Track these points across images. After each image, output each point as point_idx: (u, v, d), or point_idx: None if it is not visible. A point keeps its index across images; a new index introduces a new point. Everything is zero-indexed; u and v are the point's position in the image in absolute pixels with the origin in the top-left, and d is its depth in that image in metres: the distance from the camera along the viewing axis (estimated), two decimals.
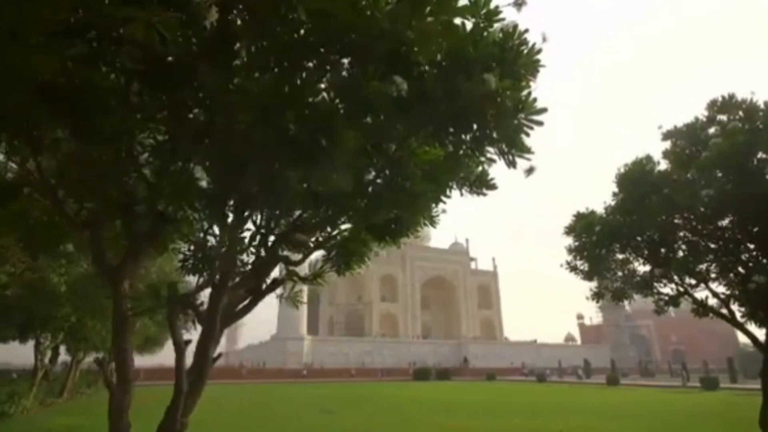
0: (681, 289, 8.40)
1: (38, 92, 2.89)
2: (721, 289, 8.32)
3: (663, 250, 9.12)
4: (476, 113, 3.03)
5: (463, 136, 3.81)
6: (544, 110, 3.43)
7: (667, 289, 8.89)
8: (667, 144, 8.43)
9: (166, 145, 3.87)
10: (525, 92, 3.38)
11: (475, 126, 3.59)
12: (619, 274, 9.39)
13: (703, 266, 8.78)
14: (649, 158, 8.26)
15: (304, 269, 6.14)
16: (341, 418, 13.89)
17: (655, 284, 8.53)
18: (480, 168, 4.69)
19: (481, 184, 4.74)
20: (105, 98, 3.28)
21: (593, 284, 9.41)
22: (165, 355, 40.98)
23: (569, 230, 9.29)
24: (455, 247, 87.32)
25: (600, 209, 9.50)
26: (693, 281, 8.32)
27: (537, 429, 11.59)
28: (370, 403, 19.88)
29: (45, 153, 3.62)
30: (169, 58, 3.33)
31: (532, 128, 3.59)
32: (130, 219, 3.34)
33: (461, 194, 5.03)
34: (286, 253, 5.40)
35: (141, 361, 40.61)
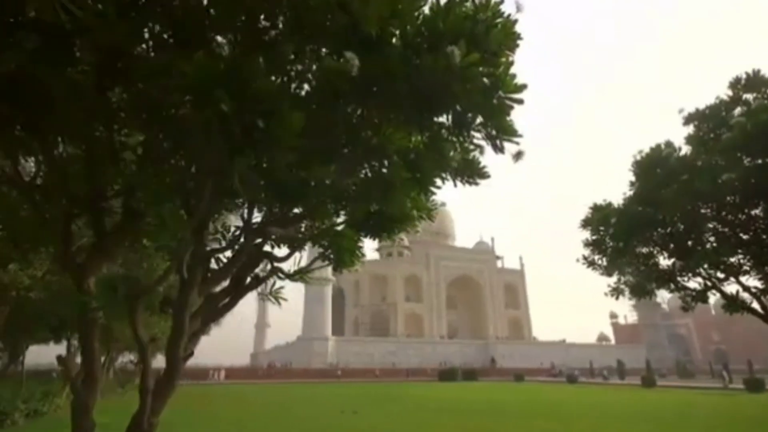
0: (708, 284, 7.80)
1: None
2: (753, 282, 7.68)
3: (690, 242, 8.52)
4: (442, 91, 2.79)
5: (440, 120, 3.58)
6: (523, 87, 3.16)
7: (694, 284, 8.29)
8: (690, 129, 7.87)
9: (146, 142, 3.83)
10: (501, 68, 3.13)
11: (457, 108, 3.37)
12: (642, 269, 8.85)
13: (734, 259, 8.14)
14: (669, 143, 7.72)
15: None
16: (361, 419, 13.77)
17: (679, 279, 7.96)
18: (471, 156, 4.46)
19: (472, 173, 4.48)
20: (71, 93, 3.23)
21: (613, 280, 8.90)
22: (202, 355, 42.06)
23: (585, 223, 8.83)
24: (480, 246, 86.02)
25: (617, 200, 9.01)
26: (721, 275, 7.72)
27: None
28: (394, 403, 19.69)
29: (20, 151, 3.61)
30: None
31: (512, 107, 3.32)
32: (98, 215, 3.28)
33: (455, 185, 4.78)
34: (276, 249, 5.30)
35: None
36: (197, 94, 2.08)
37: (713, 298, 8.77)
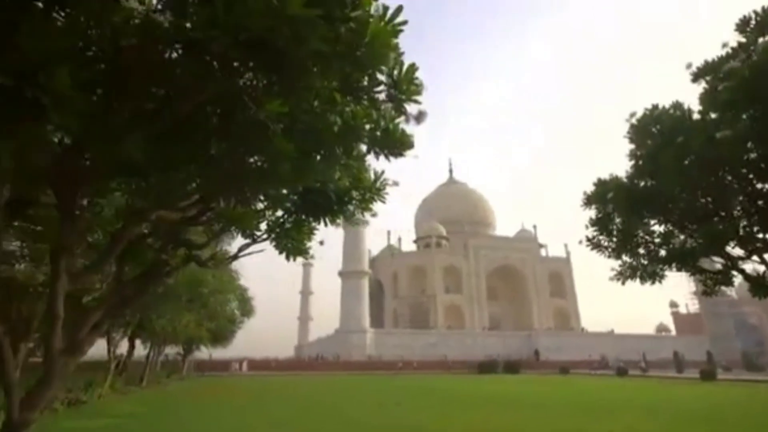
0: (729, 263, 6.70)
1: None
2: None
3: (715, 218, 7.42)
4: (274, 41, 2.37)
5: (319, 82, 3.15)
6: (398, 29, 2.66)
7: (716, 266, 7.18)
8: (703, 86, 6.80)
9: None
10: (361, 11, 2.66)
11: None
12: (655, 249, 7.82)
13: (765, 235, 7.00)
14: (678, 105, 6.68)
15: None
16: (380, 415, 13.60)
17: (696, 259, 6.90)
18: (391, 125, 3.98)
19: (394, 143, 4.01)
20: None
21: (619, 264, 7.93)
22: (241, 349, 43.96)
23: (588, 201, 7.93)
24: (522, 234, 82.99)
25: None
26: (743, 253, 6.61)
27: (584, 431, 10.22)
28: (423, 397, 19.37)
29: None
30: None
31: (387, 60, 2.85)
32: None
33: (387, 159, 4.32)
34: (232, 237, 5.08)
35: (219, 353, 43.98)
36: None
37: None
